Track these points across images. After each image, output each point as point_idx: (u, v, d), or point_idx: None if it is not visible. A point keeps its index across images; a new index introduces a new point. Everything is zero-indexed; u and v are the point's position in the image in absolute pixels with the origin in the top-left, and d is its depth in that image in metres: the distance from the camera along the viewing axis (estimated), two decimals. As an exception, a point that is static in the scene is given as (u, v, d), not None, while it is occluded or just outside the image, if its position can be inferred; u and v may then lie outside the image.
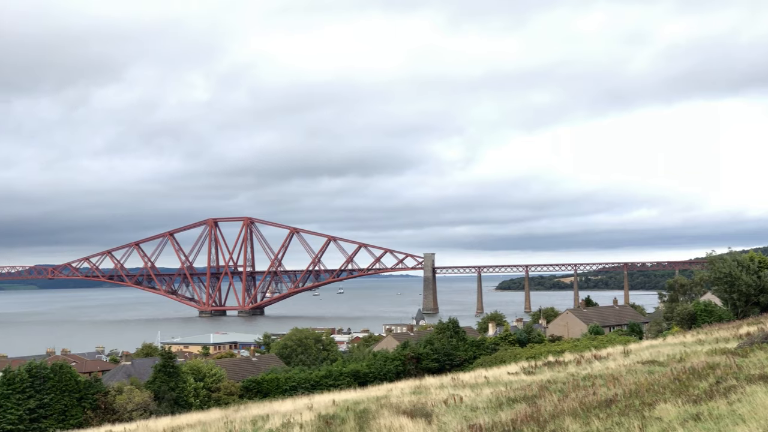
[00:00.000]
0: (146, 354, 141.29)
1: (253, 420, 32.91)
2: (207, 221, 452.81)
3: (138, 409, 69.07)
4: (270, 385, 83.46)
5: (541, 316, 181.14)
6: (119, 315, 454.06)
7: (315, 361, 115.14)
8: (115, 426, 46.91)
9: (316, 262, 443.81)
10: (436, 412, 27.33)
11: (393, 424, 25.37)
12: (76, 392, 69.71)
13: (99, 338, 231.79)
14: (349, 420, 27.77)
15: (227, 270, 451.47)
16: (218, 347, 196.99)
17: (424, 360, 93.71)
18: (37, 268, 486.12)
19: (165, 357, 78.36)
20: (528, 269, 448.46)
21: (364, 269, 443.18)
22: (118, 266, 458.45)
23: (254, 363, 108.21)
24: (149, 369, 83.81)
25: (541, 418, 22.36)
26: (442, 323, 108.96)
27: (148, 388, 73.68)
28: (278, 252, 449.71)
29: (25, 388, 67.56)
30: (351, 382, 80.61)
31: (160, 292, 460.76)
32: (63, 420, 67.22)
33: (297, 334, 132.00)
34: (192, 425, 36.06)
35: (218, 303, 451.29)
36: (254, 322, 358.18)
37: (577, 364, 42.56)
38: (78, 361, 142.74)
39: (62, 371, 70.07)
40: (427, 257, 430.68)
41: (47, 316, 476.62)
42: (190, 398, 75.08)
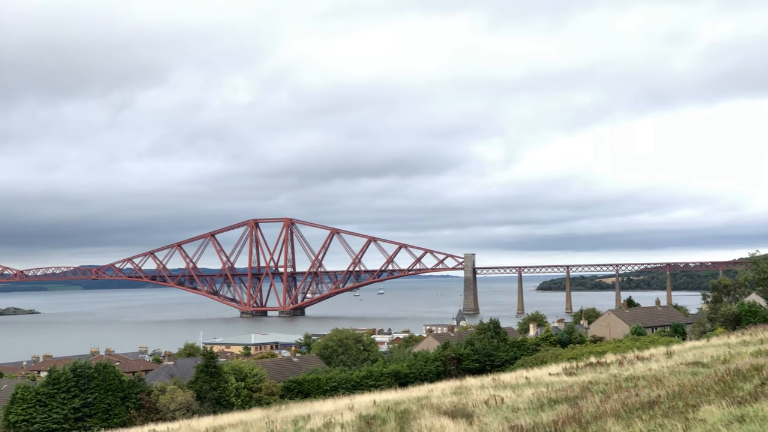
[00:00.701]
0: (188, 354, 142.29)
1: (294, 420, 33.03)
2: (248, 222, 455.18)
3: (180, 409, 69.59)
4: (311, 386, 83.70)
5: (582, 317, 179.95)
6: (162, 315, 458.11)
7: (355, 362, 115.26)
8: (159, 425, 47.33)
9: (357, 263, 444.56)
10: (477, 413, 27.26)
11: (434, 424, 25.35)
12: (120, 391, 70.40)
13: (142, 338, 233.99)
14: (389, 420, 27.79)
15: (268, 271, 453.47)
16: (259, 348, 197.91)
17: (465, 361, 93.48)
18: (81, 268, 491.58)
19: (207, 357, 78.91)
20: (569, 270, 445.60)
21: (404, 270, 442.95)
22: (160, 267, 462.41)
23: (295, 363, 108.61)
24: (191, 369, 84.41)
25: (582, 420, 22.23)
26: (482, 324, 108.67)
27: (191, 388, 74.21)
28: (319, 253, 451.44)
29: (70, 387, 68.36)
30: (391, 383, 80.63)
31: (201, 292, 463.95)
32: (107, 419, 67.91)
33: (337, 334, 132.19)
34: (234, 425, 36.27)
35: (259, 303, 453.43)
36: (295, 322, 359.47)
37: (619, 365, 42.24)
38: (121, 360, 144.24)
39: (106, 371, 70.80)
40: (467, 258, 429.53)
41: (92, 316, 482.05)
42: (231, 398, 75.52)
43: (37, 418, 66.72)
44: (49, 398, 67.71)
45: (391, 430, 26.24)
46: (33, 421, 66.58)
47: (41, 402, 67.52)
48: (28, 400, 67.60)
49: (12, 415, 67.24)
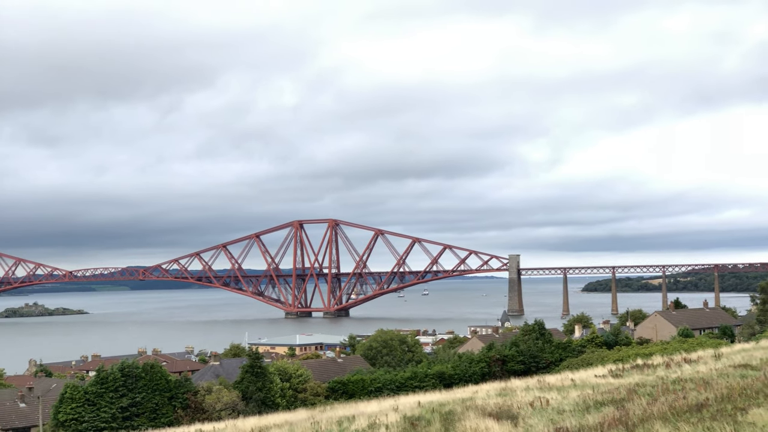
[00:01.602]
0: (234, 354, 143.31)
1: (339, 421, 33.11)
2: (292, 223, 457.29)
3: (226, 409, 70.09)
4: (355, 386, 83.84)
5: (628, 318, 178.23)
6: (207, 316, 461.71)
7: (400, 363, 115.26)
8: (205, 425, 47.70)
9: (401, 264, 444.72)
10: (522, 415, 27.15)
11: (479, 426, 25.29)
12: (167, 391, 71.06)
13: (188, 338, 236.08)
14: (434, 422, 27.77)
15: (313, 271, 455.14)
16: (304, 348, 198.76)
17: (510, 362, 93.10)
18: (128, 269, 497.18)
19: (252, 358, 79.40)
20: (615, 271, 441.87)
21: (448, 271, 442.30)
22: (206, 268, 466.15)
23: (340, 364, 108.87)
24: (237, 369, 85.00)
25: (629, 422, 22.05)
26: (527, 325, 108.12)
27: (236, 388, 74.71)
28: (363, 254, 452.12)
29: (118, 386, 69.15)
30: (436, 384, 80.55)
31: (246, 293, 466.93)
32: (154, 418, 68.58)
33: (382, 335, 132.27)
34: (279, 425, 36.45)
35: (304, 304, 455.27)
36: (339, 323, 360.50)
37: (666, 367, 41.82)
38: (168, 360, 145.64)
39: (153, 371, 71.51)
40: (512, 259, 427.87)
41: (139, 316, 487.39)
42: (276, 398, 75.88)
43: (85, 417, 67.57)
44: (98, 397, 68.53)
45: (435, 431, 26.23)
46: (82, 420, 67.44)
47: (90, 401, 68.37)
48: (77, 400, 68.48)
49: (61, 414, 68.17)
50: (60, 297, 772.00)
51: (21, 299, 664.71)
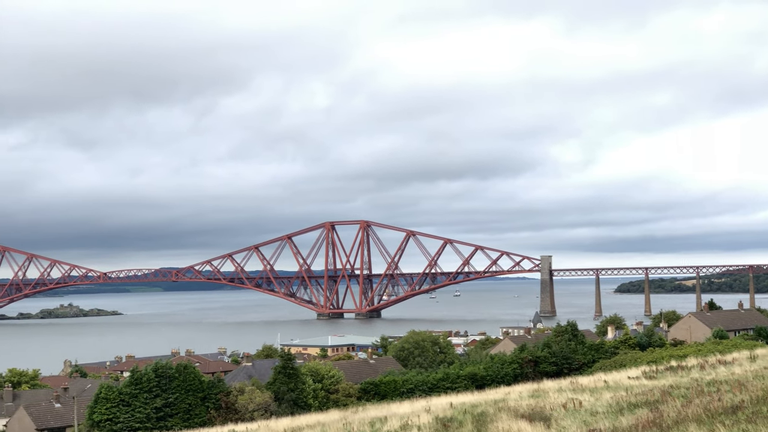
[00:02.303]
0: (266, 355, 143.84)
1: (372, 422, 33.16)
2: (324, 225, 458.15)
3: (259, 410, 70.36)
4: (387, 388, 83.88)
5: (662, 320, 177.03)
6: (240, 317, 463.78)
7: (432, 364, 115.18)
8: (238, 425, 47.96)
9: (433, 265, 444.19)
10: (555, 416, 27.07)
11: (511, 427, 25.25)
12: (200, 392, 71.48)
13: (221, 340, 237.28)
14: (466, 423, 27.75)
15: (344, 273, 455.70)
16: (336, 349, 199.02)
17: (542, 363, 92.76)
18: (162, 270, 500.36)
19: (285, 359, 79.68)
20: (648, 271, 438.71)
21: (480, 272, 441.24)
22: (238, 269, 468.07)
23: (372, 365, 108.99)
24: (269, 370, 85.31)
25: (663, 424, 21.92)
26: (560, 326, 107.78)
27: (269, 389, 74.98)
28: (395, 255, 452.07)
29: (152, 387, 69.64)
30: (468, 385, 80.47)
31: (279, 294, 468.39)
32: (188, 419, 69.00)
33: (414, 336, 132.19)
34: (311, 426, 36.57)
35: (336, 305, 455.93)
36: (371, 324, 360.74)
37: (700, 369, 41.51)
38: (201, 361, 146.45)
39: (187, 371, 71.96)
40: (544, 259, 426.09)
41: (172, 317, 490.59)
42: (309, 399, 76.10)
43: (120, 417, 68.11)
44: (132, 398, 69.06)
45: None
46: (116, 420, 67.99)
47: (124, 401, 68.92)
48: (112, 400, 69.05)
49: (96, 414, 68.76)
50: (94, 298, 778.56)
51: (56, 300, 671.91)
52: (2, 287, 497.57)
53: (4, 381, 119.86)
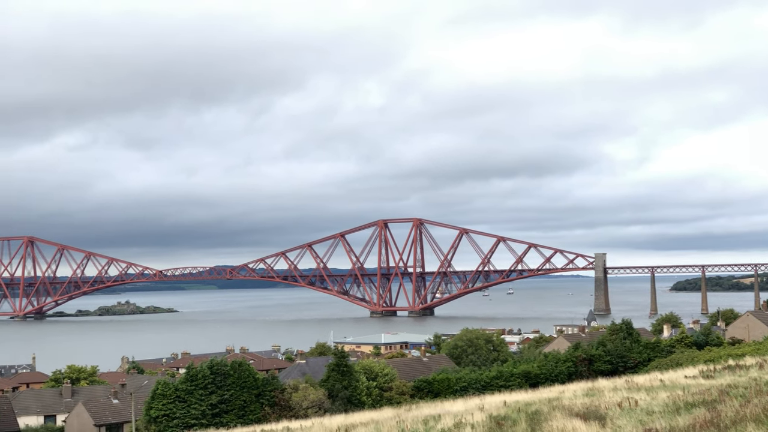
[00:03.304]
0: (320, 353, 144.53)
1: (425, 420, 33.18)
2: (377, 222, 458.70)
3: (313, 407, 70.72)
4: (441, 385, 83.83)
5: (719, 318, 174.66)
6: (293, 315, 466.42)
7: (485, 362, 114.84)
8: (292, 422, 48.25)
9: (486, 263, 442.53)
10: (610, 415, 26.87)
11: (566, 426, 25.11)
12: (255, 389, 72.00)
13: (275, 337, 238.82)
14: (520, 421, 27.65)
15: (397, 270, 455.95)
16: (389, 347, 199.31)
17: (597, 362, 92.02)
18: (216, 268, 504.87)
19: (338, 356, 79.99)
20: (704, 269, 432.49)
21: (534, 269, 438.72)
22: (291, 267, 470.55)
23: (425, 363, 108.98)
24: (323, 368, 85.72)
25: (721, 424, 21.65)
26: (614, 324, 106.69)
27: (322, 386, 75.31)
28: (448, 253, 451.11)
29: (207, 384, 70.33)
30: (522, 384, 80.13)
31: (332, 292, 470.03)
32: (243, 415, 69.55)
33: (467, 334, 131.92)
34: (365, 423, 36.66)
35: (389, 303, 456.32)
36: (424, 322, 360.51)
37: (759, 368, 40.89)
38: (255, 359, 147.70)
39: (241, 368, 72.54)
40: (598, 257, 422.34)
41: (227, 315, 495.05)
42: (362, 397, 76.30)
43: (176, 413, 68.90)
44: (188, 394, 69.80)
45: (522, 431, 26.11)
46: (173, 417, 68.78)
47: (180, 398, 69.70)
48: (168, 396, 69.87)
49: (153, 410, 69.64)
50: (151, 296, 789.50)
51: (114, 298, 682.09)
52: (62, 285, 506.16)
53: (64, 377, 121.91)
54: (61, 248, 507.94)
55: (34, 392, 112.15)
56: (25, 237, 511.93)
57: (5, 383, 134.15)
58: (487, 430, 27.31)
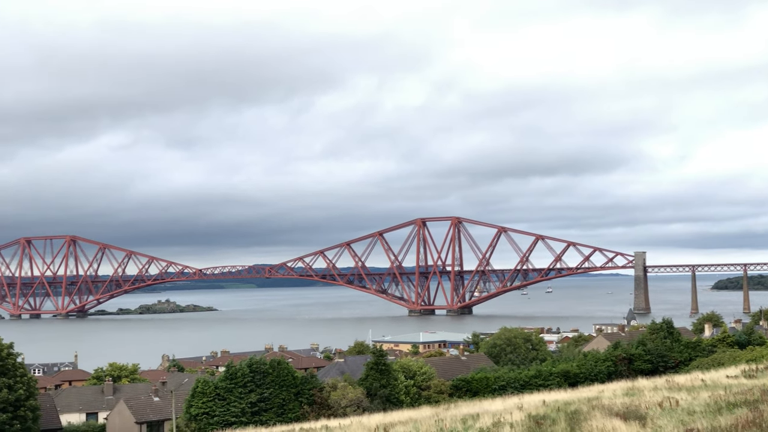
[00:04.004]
0: (358, 352, 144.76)
1: (464, 419, 33.16)
2: (415, 221, 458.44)
3: (351, 405, 70.88)
4: (479, 384, 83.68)
5: (761, 317, 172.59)
6: (332, 313, 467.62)
7: (524, 361, 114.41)
8: (331, 421, 48.38)
9: (524, 261, 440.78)
10: (651, 415, 26.69)
11: (605, 426, 24.99)
12: (294, 387, 72.30)
13: (313, 336, 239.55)
14: (560, 421, 27.56)
15: (436, 269, 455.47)
16: (427, 346, 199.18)
17: (637, 361, 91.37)
18: (255, 267, 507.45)
19: (377, 355, 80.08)
20: (746, 268, 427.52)
21: (572, 268, 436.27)
22: (330, 266, 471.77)
23: (463, 362, 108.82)
24: (361, 366, 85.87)
25: (764, 424, 21.45)
26: (655, 323, 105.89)
27: (361, 385, 75.44)
28: (486, 251, 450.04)
29: (247, 382, 70.73)
30: (561, 383, 79.73)
31: (370, 291, 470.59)
32: (282, 413, 69.85)
33: (506, 333, 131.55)
34: (404, 422, 36.70)
35: (427, 302, 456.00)
36: (462, 321, 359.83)
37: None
38: (294, 357, 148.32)
39: (280, 367, 72.85)
40: (637, 256, 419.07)
41: (266, 313, 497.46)
42: (401, 396, 76.34)
43: (216, 411, 69.38)
44: (227, 392, 70.26)
45: (561, 431, 26.02)
46: (213, 414, 69.27)
47: (220, 396, 70.18)
48: (208, 394, 70.39)
49: (193, 408, 70.19)
50: (190, 294, 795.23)
51: (154, 296, 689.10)
52: (103, 283, 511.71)
53: (105, 375, 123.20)
54: (102, 247, 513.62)
55: (77, 390, 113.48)
56: (67, 236, 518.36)
57: (48, 381, 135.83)
58: (526, 429, 27.24)
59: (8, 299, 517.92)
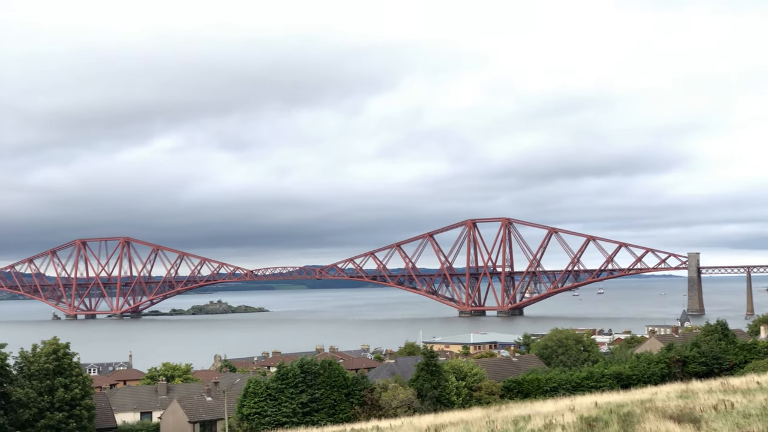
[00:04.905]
0: (409, 353, 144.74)
1: (515, 420, 33.06)
2: (465, 222, 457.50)
3: (402, 406, 70.96)
4: (530, 386, 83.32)
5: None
6: (382, 314, 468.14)
7: (575, 363, 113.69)
8: (382, 421, 48.52)
9: (576, 262, 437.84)
10: (705, 418, 26.41)
11: (659, 428, 24.78)
12: (345, 388, 72.59)
13: (364, 337, 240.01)
14: (612, 423, 27.36)
15: (486, 270, 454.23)
16: (478, 347, 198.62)
17: (691, 363, 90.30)
18: (306, 268, 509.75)
19: (427, 356, 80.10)
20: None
21: (625, 269, 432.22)
22: (380, 267, 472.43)
23: (514, 363, 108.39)
24: (412, 367, 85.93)
25: (821, 428, 21.11)
26: (709, 325, 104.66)
27: (412, 386, 75.51)
28: (537, 252, 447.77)
29: (298, 383, 71.17)
30: (613, 385, 79.11)
31: (420, 292, 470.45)
32: (333, 414, 70.17)
33: (557, 334, 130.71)
34: (454, 423, 36.68)
35: (477, 303, 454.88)
36: (513, 322, 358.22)
37: None
38: (345, 358, 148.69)
39: (331, 368, 73.20)
40: (691, 257, 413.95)
41: (317, 314, 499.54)
42: (452, 397, 76.28)
43: (268, 411, 69.91)
44: (279, 393, 70.75)
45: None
46: (264, 414, 69.82)
47: (271, 396, 70.69)
48: (260, 394, 70.95)
49: (245, 408, 70.82)
50: (242, 295, 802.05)
51: (206, 297, 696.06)
52: (156, 284, 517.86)
53: (159, 375, 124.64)
54: (155, 248, 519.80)
55: (131, 389, 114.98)
56: (121, 238, 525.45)
57: (103, 380, 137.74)
58: (577, 431, 27.10)
59: (64, 300, 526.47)
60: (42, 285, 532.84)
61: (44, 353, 75.19)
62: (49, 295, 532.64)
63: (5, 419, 68.05)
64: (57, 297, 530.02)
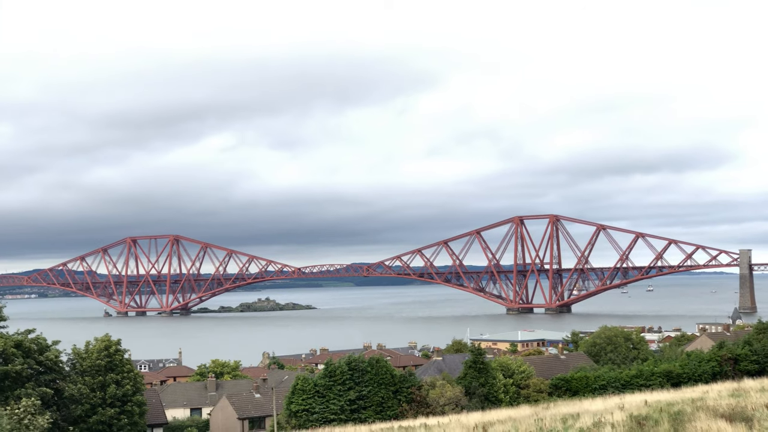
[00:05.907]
0: (456, 350, 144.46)
1: (563, 418, 32.95)
2: (513, 219, 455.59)
3: (449, 404, 70.89)
4: (579, 384, 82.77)
5: None
6: (429, 312, 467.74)
7: (625, 360, 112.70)
8: (429, 419, 48.58)
9: (624, 259, 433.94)
10: (758, 417, 26.11)
11: (710, 427, 24.56)
12: (392, 385, 72.66)
13: (411, 334, 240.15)
14: (662, 422, 27.16)
15: (533, 267, 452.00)
16: (526, 344, 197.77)
17: (743, 361, 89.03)
18: (353, 266, 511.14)
19: (475, 353, 79.92)
20: None
21: (674, 266, 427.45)
22: (427, 264, 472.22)
23: (562, 361, 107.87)
24: (459, 365, 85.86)
25: None
26: (761, 323, 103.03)
27: (459, 384, 75.41)
28: (585, 249, 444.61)
29: (345, 380, 71.38)
30: (663, 383, 78.27)
31: (468, 289, 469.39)
32: (380, 411, 70.28)
33: (606, 332, 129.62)
34: (502, 421, 36.63)
35: (525, 300, 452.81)
36: (561, 319, 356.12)
37: None
38: (392, 355, 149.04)
39: (379, 365, 73.29)
40: (742, 254, 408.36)
41: (364, 311, 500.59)
42: (499, 394, 76.08)
43: (315, 408, 70.21)
44: (327, 390, 71.02)
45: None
46: (312, 411, 70.13)
47: (319, 393, 70.98)
48: (308, 391, 71.27)
49: (293, 405, 71.19)
50: (289, 292, 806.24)
51: (254, 294, 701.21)
52: (205, 282, 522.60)
53: (208, 371, 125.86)
54: (204, 246, 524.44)
55: (181, 386, 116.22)
56: (171, 236, 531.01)
57: (154, 377, 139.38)
58: (627, 429, 26.94)
59: (115, 297, 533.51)
60: (93, 282, 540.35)
61: (96, 350, 76.38)
62: (100, 293, 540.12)
63: (58, 415, 69.15)
64: (108, 294, 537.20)
